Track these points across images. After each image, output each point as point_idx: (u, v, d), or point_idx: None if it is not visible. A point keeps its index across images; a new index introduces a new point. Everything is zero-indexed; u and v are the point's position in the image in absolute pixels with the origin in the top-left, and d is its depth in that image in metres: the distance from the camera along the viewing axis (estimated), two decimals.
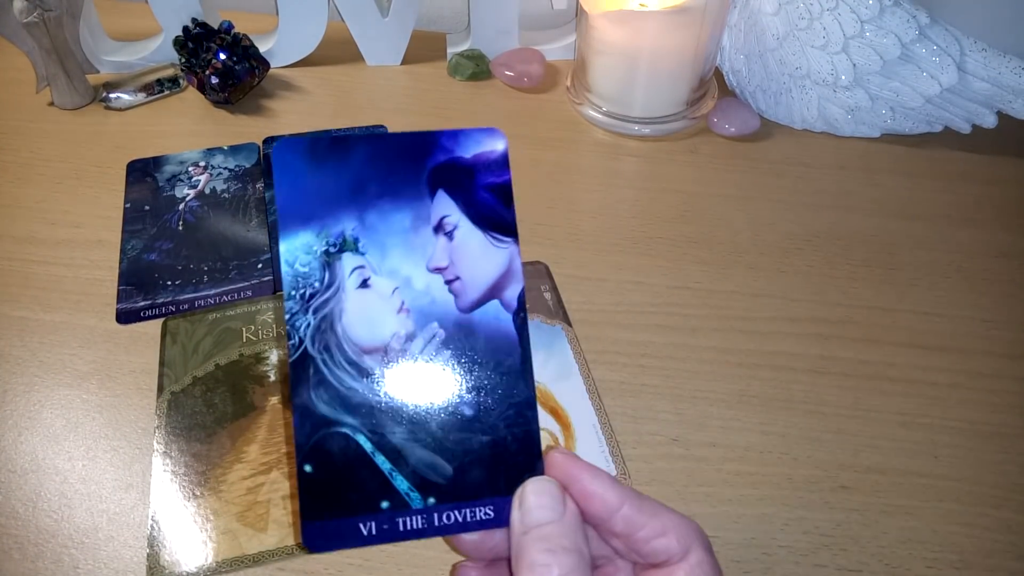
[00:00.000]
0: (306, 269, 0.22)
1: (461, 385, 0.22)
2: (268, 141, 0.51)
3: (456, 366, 0.22)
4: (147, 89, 0.54)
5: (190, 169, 0.49)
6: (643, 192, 0.48)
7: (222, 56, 0.51)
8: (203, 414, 0.36)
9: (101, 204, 0.47)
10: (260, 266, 0.43)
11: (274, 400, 0.37)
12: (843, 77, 0.48)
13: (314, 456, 0.21)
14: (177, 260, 0.43)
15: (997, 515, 0.33)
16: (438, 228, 0.22)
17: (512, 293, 0.22)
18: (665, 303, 0.41)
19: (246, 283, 0.42)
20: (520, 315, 0.22)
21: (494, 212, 0.23)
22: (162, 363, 0.38)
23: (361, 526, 0.21)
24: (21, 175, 0.49)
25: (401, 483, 0.21)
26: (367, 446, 0.21)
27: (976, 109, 0.48)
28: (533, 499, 0.21)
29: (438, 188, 0.22)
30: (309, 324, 0.22)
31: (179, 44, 0.53)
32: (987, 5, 0.53)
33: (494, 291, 0.22)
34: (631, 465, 0.34)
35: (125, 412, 0.36)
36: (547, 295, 0.41)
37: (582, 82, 0.53)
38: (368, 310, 0.22)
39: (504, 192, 0.23)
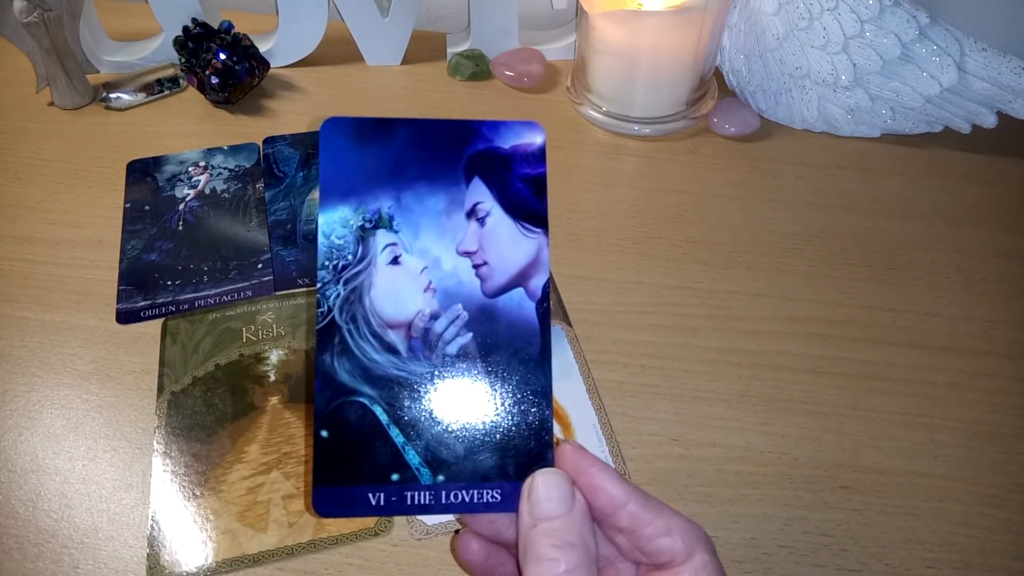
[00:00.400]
0: (341, 242, 0.23)
1: (480, 368, 0.23)
2: (268, 141, 0.51)
3: (476, 349, 0.23)
4: (147, 89, 0.54)
5: (190, 169, 0.49)
6: (643, 192, 0.48)
7: (222, 56, 0.51)
8: (203, 414, 0.36)
9: (101, 204, 0.47)
10: (260, 266, 0.43)
11: (274, 400, 0.37)
12: (843, 77, 0.48)
13: (331, 422, 0.22)
14: (177, 260, 0.43)
15: (997, 515, 0.33)
16: (471, 214, 0.23)
17: (537, 283, 0.23)
18: (665, 303, 0.41)
19: (246, 283, 0.42)
20: (544, 305, 0.23)
21: (526, 203, 0.23)
22: (162, 363, 0.38)
23: (370, 495, 0.22)
24: (21, 175, 0.49)
25: (413, 457, 0.22)
26: (383, 418, 0.22)
27: (976, 109, 0.48)
28: (543, 491, 0.21)
29: (474, 175, 0.23)
30: (339, 295, 0.23)
31: (179, 44, 0.53)
32: (987, 5, 0.53)
33: (520, 279, 0.23)
34: (631, 465, 0.34)
35: (125, 412, 0.36)
36: None
37: (582, 82, 0.53)
38: (396, 286, 0.23)
39: (538, 184, 0.23)
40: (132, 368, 0.38)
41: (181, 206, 0.47)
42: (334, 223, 0.23)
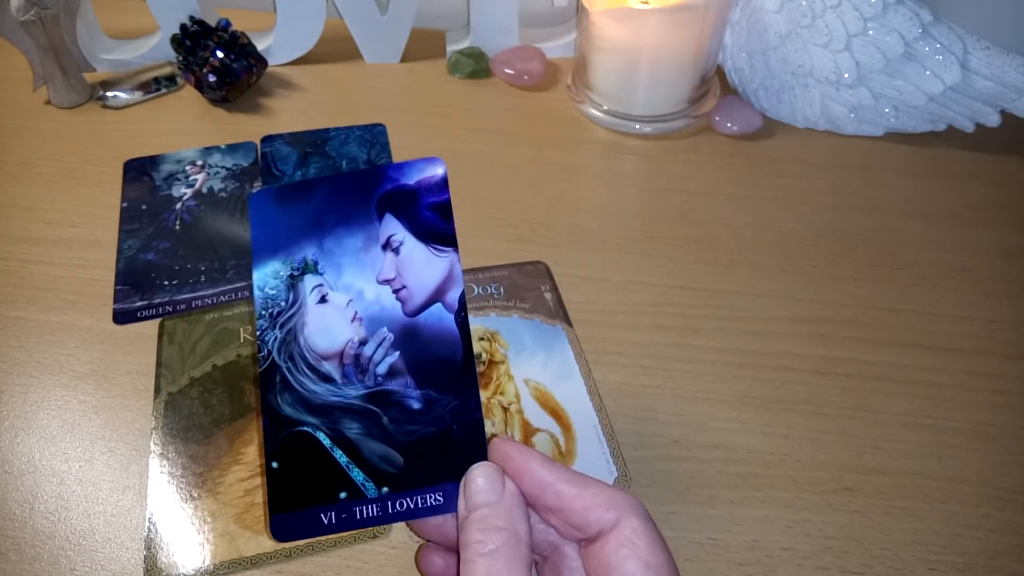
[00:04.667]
0: (274, 292, 0.25)
1: (410, 382, 0.24)
2: (266, 140, 0.51)
3: (404, 365, 0.24)
4: (144, 87, 0.54)
5: (187, 168, 0.49)
6: (644, 191, 0.48)
7: (220, 54, 0.51)
8: (200, 415, 0.36)
9: (98, 203, 0.46)
10: None
11: None
12: (846, 75, 0.48)
13: (280, 453, 0.24)
14: (174, 260, 0.43)
15: (1001, 517, 0.33)
16: (386, 246, 0.25)
17: (453, 295, 0.25)
18: (667, 303, 0.41)
19: (244, 283, 0.42)
20: (461, 315, 0.25)
21: (435, 227, 0.25)
22: (159, 364, 0.38)
23: (322, 516, 0.23)
24: (17, 174, 0.49)
25: (357, 474, 0.23)
26: (326, 442, 0.24)
27: (980, 108, 0.48)
28: (475, 484, 0.22)
29: (385, 212, 0.26)
30: (276, 338, 0.25)
31: (176, 42, 0.52)
32: (990, 3, 0.52)
33: (437, 295, 0.25)
34: (632, 467, 0.34)
35: (122, 413, 0.36)
36: (547, 295, 0.41)
37: (583, 80, 0.53)
38: (326, 321, 0.25)
39: (444, 209, 0.26)
40: (129, 369, 0.38)
41: (178, 205, 0.46)
42: (267, 277, 0.25)
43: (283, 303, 0.25)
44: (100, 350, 0.39)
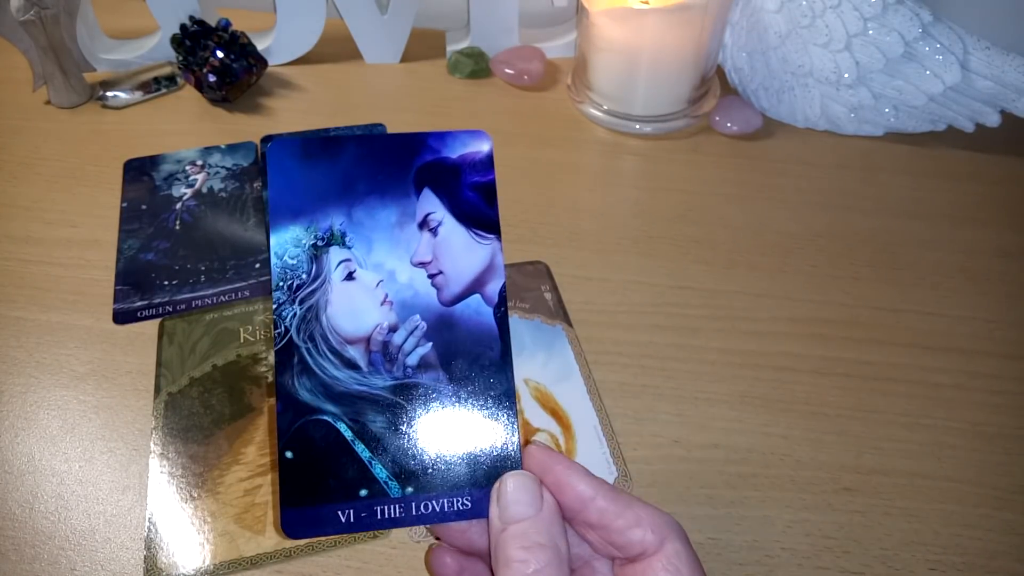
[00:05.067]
0: (294, 261, 0.23)
1: (441, 376, 0.23)
2: (266, 140, 0.51)
3: (437, 358, 0.23)
4: (144, 87, 0.54)
5: (187, 168, 0.49)
6: (644, 191, 0.48)
7: (220, 54, 0.51)
8: (200, 415, 0.36)
9: (98, 203, 0.46)
10: (258, 266, 0.43)
11: (272, 401, 0.37)
12: (846, 75, 0.48)
13: (295, 442, 0.22)
14: (174, 260, 0.43)
15: (1000, 517, 0.33)
16: (423, 224, 0.23)
17: (493, 288, 0.23)
18: (666, 303, 0.41)
19: (243, 283, 0.42)
20: (501, 309, 0.23)
21: (477, 210, 0.23)
22: (159, 364, 0.38)
23: (340, 513, 0.22)
24: (18, 174, 0.49)
25: (380, 471, 0.22)
26: (348, 434, 0.22)
27: (980, 108, 0.48)
28: (511, 494, 0.21)
29: (424, 186, 0.23)
30: (295, 314, 0.23)
31: (176, 42, 0.52)
32: (990, 3, 0.52)
33: (476, 285, 0.23)
34: (632, 467, 0.34)
35: (122, 413, 0.36)
36: (547, 295, 0.41)
37: (583, 80, 0.53)
38: (353, 302, 0.23)
39: (488, 191, 0.24)
40: (129, 369, 0.38)
41: (178, 205, 0.46)
42: (286, 243, 0.23)
43: (304, 275, 0.23)
44: (100, 350, 0.39)
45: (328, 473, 0.22)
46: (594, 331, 0.39)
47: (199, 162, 0.49)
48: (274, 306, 0.23)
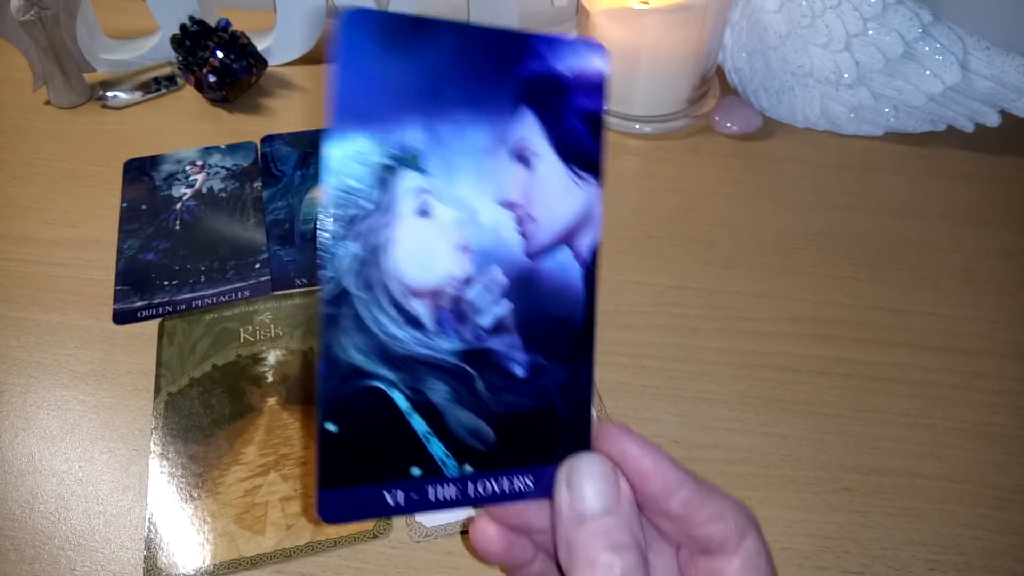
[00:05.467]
0: (357, 183, 0.17)
1: (515, 341, 0.19)
2: (266, 140, 0.51)
3: (514, 321, 0.19)
4: (144, 87, 0.54)
5: (187, 168, 0.49)
6: (644, 191, 0.48)
7: (219, 54, 0.51)
8: (200, 415, 0.36)
9: (98, 203, 0.46)
10: (258, 266, 0.43)
11: (272, 401, 0.37)
12: (846, 75, 0.48)
13: (340, 413, 0.18)
14: (174, 260, 0.43)
15: (1000, 516, 0.33)
16: (516, 154, 0.19)
17: (586, 242, 0.20)
18: (666, 303, 0.41)
19: (243, 283, 0.42)
20: (591, 269, 0.20)
21: (581, 144, 0.19)
22: (159, 364, 0.38)
23: (387, 495, 0.18)
24: (18, 174, 0.49)
25: (437, 448, 0.19)
26: (403, 404, 0.19)
27: (979, 108, 0.48)
28: (588, 486, 0.19)
29: (524, 105, 0.19)
30: (351, 254, 0.18)
31: (176, 42, 0.52)
32: (990, 3, 0.52)
33: (568, 236, 0.19)
34: None
35: (122, 413, 0.36)
36: None
37: None
38: (424, 244, 0.18)
39: (597, 122, 0.20)
40: (129, 369, 0.38)
41: (178, 205, 0.46)
42: (348, 158, 0.17)
43: (367, 203, 0.17)
44: (100, 350, 0.39)
45: (377, 449, 0.18)
46: None
47: (199, 162, 0.49)
48: (325, 240, 0.17)
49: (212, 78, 0.51)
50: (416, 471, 0.19)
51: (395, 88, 0.17)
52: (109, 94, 0.53)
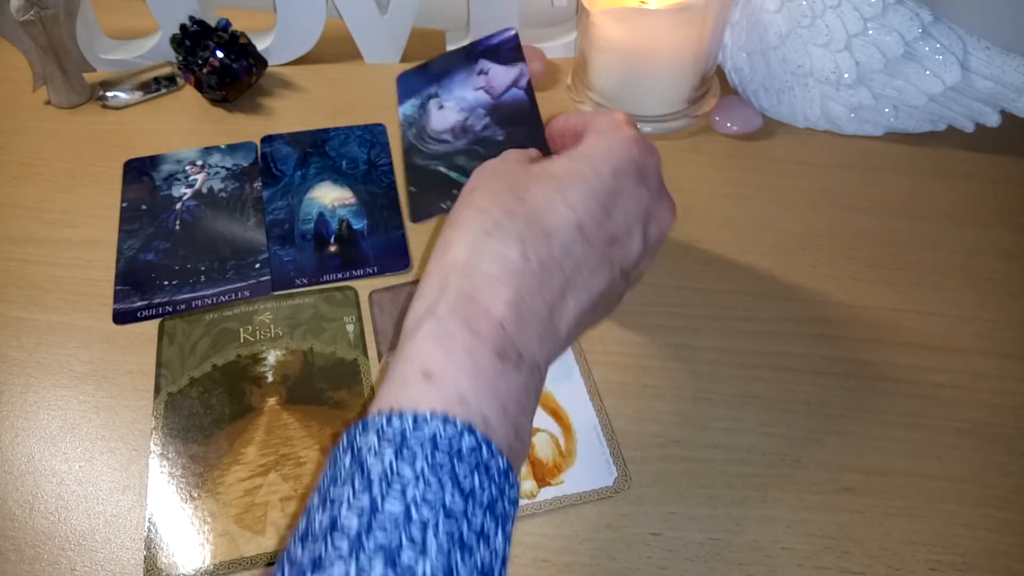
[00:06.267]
0: (411, 112, 0.41)
1: (497, 130, 0.38)
2: (266, 140, 0.51)
3: (492, 121, 0.38)
4: (144, 87, 0.54)
5: (187, 168, 0.49)
6: None
7: (219, 54, 0.51)
8: (200, 415, 0.36)
9: (98, 203, 0.46)
10: (258, 266, 0.43)
11: (272, 401, 0.37)
12: (846, 75, 0.48)
13: (416, 182, 0.39)
14: (174, 260, 0.43)
15: (1001, 516, 0.33)
16: (480, 72, 0.41)
17: (522, 82, 0.39)
18: (667, 303, 0.41)
19: (244, 283, 0.42)
20: (528, 89, 0.38)
21: (511, 55, 0.40)
22: (159, 364, 0.38)
23: (443, 205, 0.37)
24: (18, 174, 0.49)
25: (463, 179, 0.36)
26: (446, 171, 0.38)
27: (980, 108, 0.48)
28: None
29: (479, 57, 0.41)
30: (412, 132, 0.40)
31: (176, 42, 0.52)
32: (990, 3, 0.52)
33: (513, 84, 0.39)
34: (632, 467, 0.34)
35: (122, 413, 0.36)
36: None
37: (583, 80, 0.53)
38: (444, 115, 0.40)
39: (515, 45, 0.40)
40: (129, 369, 0.38)
41: (178, 205, 0.46)
42: (407, 107, 0.42)
43: (415, 116, 0.41)
44: (100, 350, 0.39)
45: (436, 194, 0.37)
46: (594, 331, 0.39)
47: (199, 162, 0.49)
48: (401, 136, 0.41)
49: (212, 78, 0.51)
50: (455, 191, 0.33)
51: (421, 83, 0.42)
52: (109, 94, 0.53)
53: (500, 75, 0.41)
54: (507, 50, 0.41)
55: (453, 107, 0.40)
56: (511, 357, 0.24)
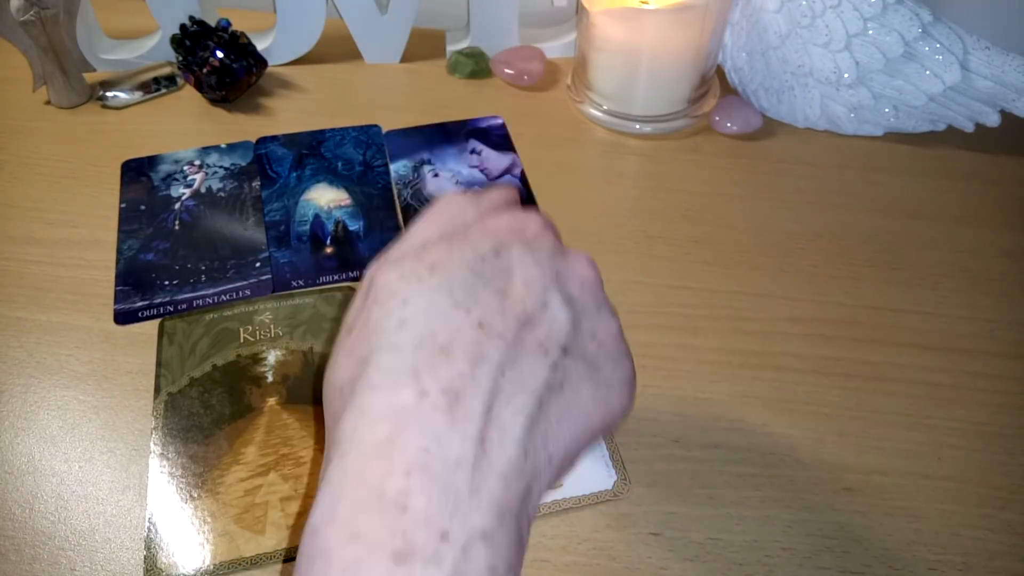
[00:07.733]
0: (404, 173, 0.46)
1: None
2: (261, 142, 0.51)
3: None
4: (144, 87, 0.54)
5: (185, 168, 0.49)
6: (644, 191, 0.48)
7: (219, 54, 0.51)
8: (200, 415, 0.36)
9: (98, 203, 0.46)
10: (258, 265, 0.43)
11: (272, 401, 0.37)
12: (846, 75, 0.48)
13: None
14: (174, 260, 0.43)
15: (1001, 517, 0.33)
16: (472, 151, 0.47)
17: (516, 171, 0.46)
18: (666, 303, 0.41)
19: (244, 283, 0.42)
20: (522, 178, 0.46)
21: (501, 142, 0.47)
22: (159, 364, 0.38)
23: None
24: (17, 174, 0.49)
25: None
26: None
27: (979, 108, 0.48)
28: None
29: (470, 138, 0.47)
30: (408, 193, 0.45)
31: (176, 42, 0.52)
32: (990, 3, 0.52)
33: (507, 171, 0.46)
34: (632, 467, 0.34)
35: (122, 413, 0.36)
36: None
37: (583, 80, 0.53)
38: (438, 183, 0.46)
39: (505, 135, 0.47)
40: (129, 369, 0.38)
41: (177, 205, 0.46)
42: (400, 167, 0.47)
43: (409, 176, 0.46)
44: (100, 350, 0.39)
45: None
46: None
47: (197, 162, 0.49)
48: (396, 192, 0.46)
49: (212, 78, 0.51)
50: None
51: (414, 146, 0.49)
52: (109, 94, 0.53)
53: (494, 159, 0.45)
54: (497, 136, 0.47)
55: (448, 177, 0.45)
56: (419, 547, 0.17)
